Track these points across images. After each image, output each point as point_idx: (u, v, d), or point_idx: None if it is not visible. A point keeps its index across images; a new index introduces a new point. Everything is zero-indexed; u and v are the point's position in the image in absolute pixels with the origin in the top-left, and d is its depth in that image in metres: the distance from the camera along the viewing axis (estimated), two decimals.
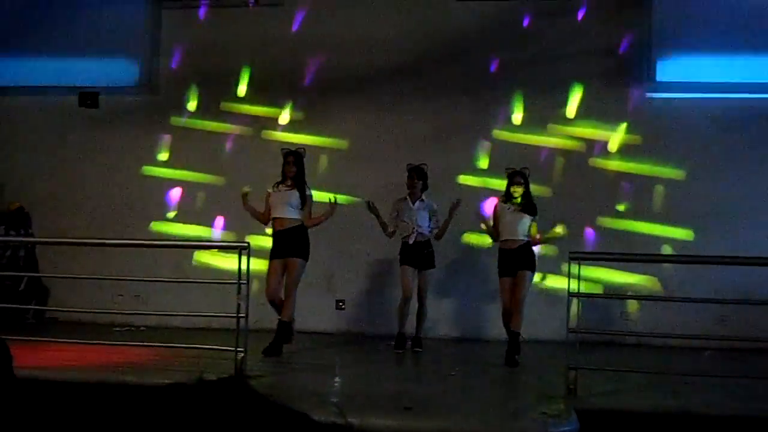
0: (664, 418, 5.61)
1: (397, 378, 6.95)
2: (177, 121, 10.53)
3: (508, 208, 8.15)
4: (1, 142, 10.61)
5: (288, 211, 7.89)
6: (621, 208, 9.76)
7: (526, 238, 8.05)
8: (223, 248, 8.99)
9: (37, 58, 10.60)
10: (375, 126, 10.08)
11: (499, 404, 5.75)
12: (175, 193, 10.43)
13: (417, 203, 8.53)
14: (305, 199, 7.91)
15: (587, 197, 9.67)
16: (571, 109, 9.90)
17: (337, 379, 7.23)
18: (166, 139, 10.52)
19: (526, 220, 8.08)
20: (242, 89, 10.45)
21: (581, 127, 9.84)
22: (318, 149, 9.97)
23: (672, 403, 5.86)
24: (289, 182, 7.98)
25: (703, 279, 8.86)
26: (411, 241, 8.48)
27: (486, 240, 8.87)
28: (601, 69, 9.88)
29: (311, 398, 5.74)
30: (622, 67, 9.85)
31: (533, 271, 7.98)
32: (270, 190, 8.07)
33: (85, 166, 10.53)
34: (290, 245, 7.80)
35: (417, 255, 8.48)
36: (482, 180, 9.86)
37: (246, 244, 6.48)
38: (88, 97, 10.27)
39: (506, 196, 8.24)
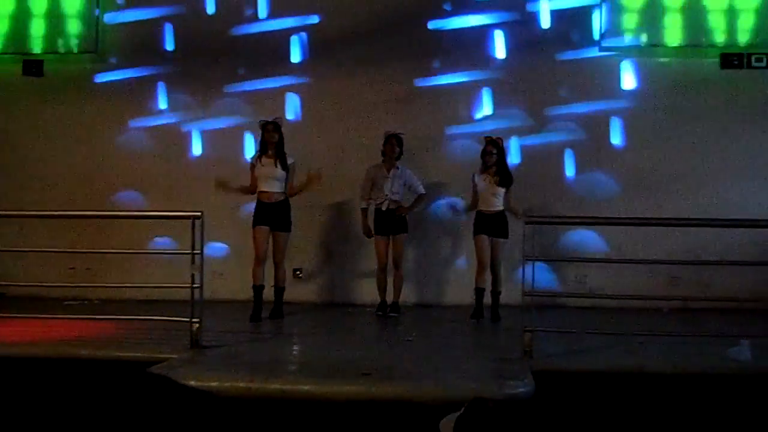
0: (619, 377, 5.70)
1: (355, 344, 6.95)
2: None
3: (484, 179, 8.40)
4: None
5: (274, 184, 8.16)
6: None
7: (502, 207, 8.40)
8: (175, 218, 8.80)
9: None
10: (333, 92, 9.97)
11: (456, 368, 5.77)
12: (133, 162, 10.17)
13: (392, 171, 8.64)
14: (288, 170, 8.18)
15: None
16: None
17: (295, 347, 7.22)
18: (116, 105, 10.22)
19: (501, 190, 8.34)
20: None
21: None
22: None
23: (627, 363, 5.96)
24: (270, 153, 8.18)
25: (656, 240, 8.99)
26: (384, 208, 8.61)
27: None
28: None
29: (269, 366, 5.72)
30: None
31: (507, 238, 8.41)
32: (253, 162, 8.30)
33: (32, 137, 10.24)
34: (276, 218, 8.16)
35: (389, 221, 8.64)
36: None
37: (199, 214, 6.34)
38: (33, 65, 10.00)
39: (482, 166, 8.43)
